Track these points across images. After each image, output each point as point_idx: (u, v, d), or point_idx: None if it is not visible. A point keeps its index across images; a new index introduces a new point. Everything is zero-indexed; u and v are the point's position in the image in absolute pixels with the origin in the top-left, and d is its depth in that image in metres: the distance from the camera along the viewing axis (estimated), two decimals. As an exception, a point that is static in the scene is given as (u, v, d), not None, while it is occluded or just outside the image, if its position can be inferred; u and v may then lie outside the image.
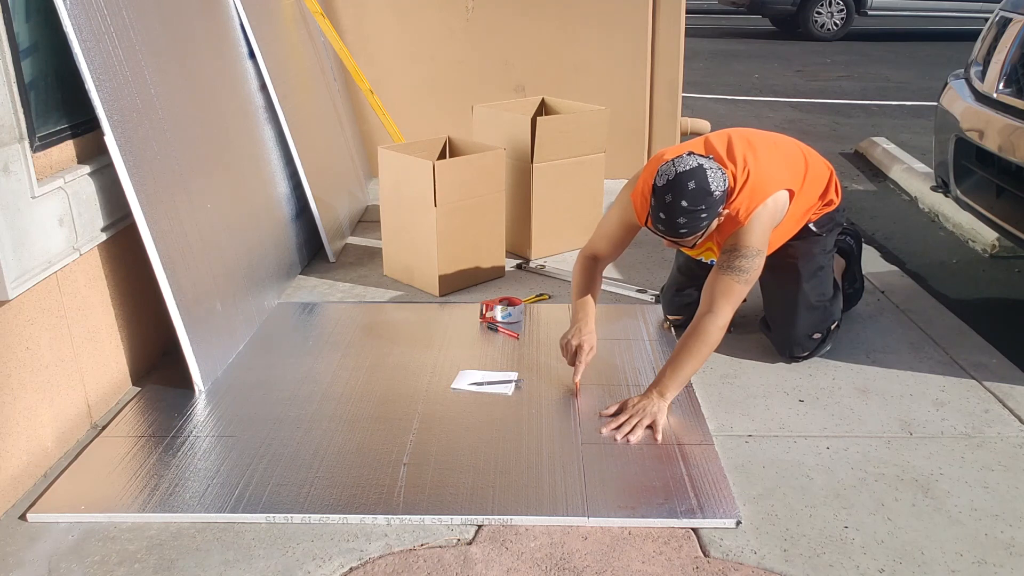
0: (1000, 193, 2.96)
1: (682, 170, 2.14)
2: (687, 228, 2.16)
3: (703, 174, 2.13)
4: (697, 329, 2.20)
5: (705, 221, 2.16)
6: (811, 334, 2.52)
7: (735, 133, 2.42)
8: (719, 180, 2.15)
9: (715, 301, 2.20)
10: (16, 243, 1.91)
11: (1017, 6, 3.10)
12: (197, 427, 2.20)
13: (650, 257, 3.44)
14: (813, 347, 2.54)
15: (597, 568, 1.70)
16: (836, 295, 2.59)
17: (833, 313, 2.55)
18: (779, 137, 2.52)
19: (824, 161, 2.58)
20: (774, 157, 2.36)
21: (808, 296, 2.49)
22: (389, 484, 1.95)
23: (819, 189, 2.50)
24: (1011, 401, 2.32)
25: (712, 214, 2.16)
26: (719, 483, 1.95)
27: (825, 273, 2.56)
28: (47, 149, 2.11)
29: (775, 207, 2.29)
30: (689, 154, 2.20)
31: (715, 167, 2.17)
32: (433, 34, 4.42)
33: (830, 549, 1.76)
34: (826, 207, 2.55)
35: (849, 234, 2.90)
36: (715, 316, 2.19)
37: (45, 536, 1.81)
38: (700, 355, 2.20)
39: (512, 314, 2.80)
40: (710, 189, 2.12)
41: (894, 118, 6.81)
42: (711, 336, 2.18)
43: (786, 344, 2.53)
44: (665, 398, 2.20)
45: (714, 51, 10.53)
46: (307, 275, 3.26)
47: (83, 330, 2.21)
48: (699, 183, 2.12)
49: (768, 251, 2.43)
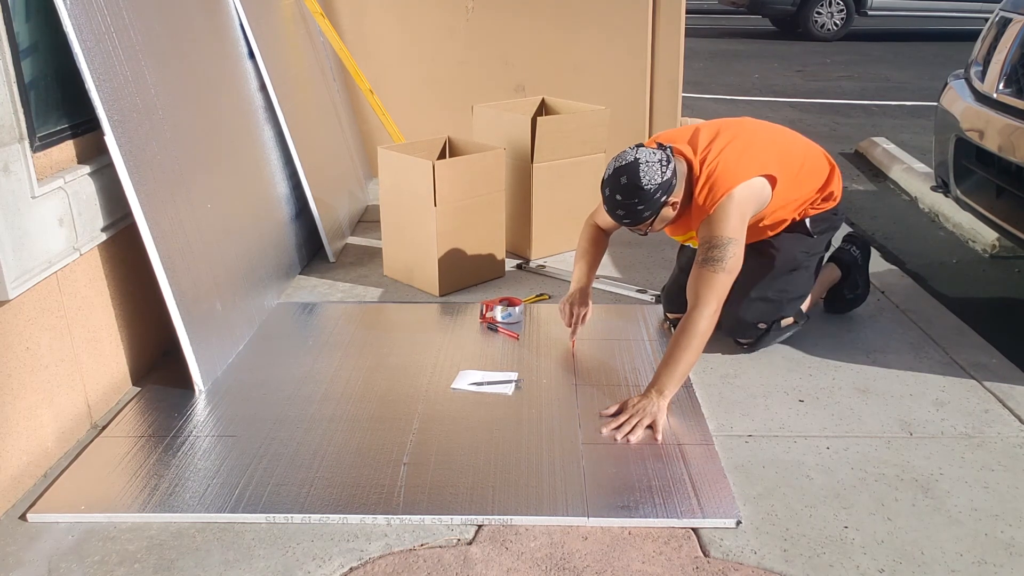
0: (1000, 193, 2.96)
1: (618, 165, 2.28)
2: (629, 218, 2.30)
3: (635, 169, 2.23)
4: (686, 324, 2.22)
5: (645, 212, 2.27)
6: (756, 322, 2.54)
7: (725, 124, 2.49)
8: (654, 174, 2.23)
9: (698, 295, 2.23)
10: (16, 243, 1.91)
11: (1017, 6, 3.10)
12: (197, 427, 2.20)
13: (650, 257, 3.44)
14: (756, 336, 2.56)
15: (597, 568, 1.71)
16: (798, 298, 2.60)
17: (784, 309, 2.57)
18: (778, 129, 2.57)
19: (825, 156, 2.61)
20: (753, 146, 2.40)
21: (767, 288, 2.53)
22: (389, 484, 1.95)
23: (816, 182, 2.53)
24: (1011, 401, 2.32)
25: (651, 206, 2.26)
26: (719, 483, 1.95)
27: (798, 275, 2.57)
28: (47, 149, 2.11)
29: (750, 194, 2.32)
30: (637, 147, 2.30)
31: (654, 161, 2.25)
32: (433, 34, 4.42)
33: (830, 549, 1.76)
34: (825, 201, 2.57)
35: (856, 244, 2.89)
36: (700, 308, 2.21)
37: (45, 536, 1.81)
38: (692, 349, 2.20)
39: (512, 314, 2.80)
40: (641, 184, 2.23)
41: (894, 118, 6.81)
42: (699, 328, 2.20)
43: (731, 326, 2.55)
44: (664, 396, 2.20)
45: (714, 51, 10.53)
46: (307, 275, 3.26)
47: (83, 330, 2.21)
48: (631, 178, 2.24)
49: (763, 236, 2.53)
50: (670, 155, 2.30)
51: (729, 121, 2.53)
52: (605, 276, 3.18)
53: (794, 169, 2.46)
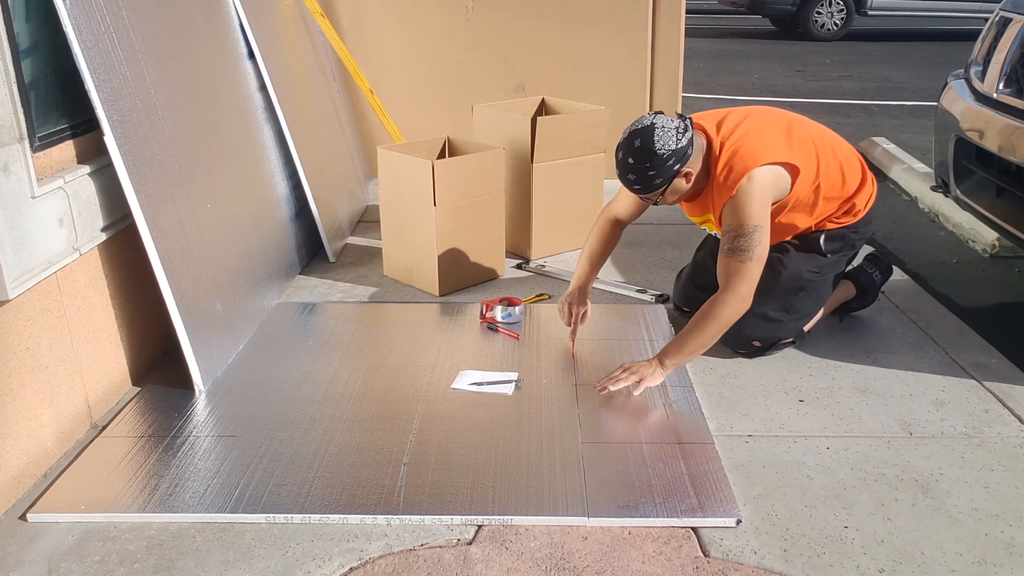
0: (1000, 193, 2.96)
1: (634, 128, 2.25)
2: (640, 184, 2.26)
3: (650, 132, 2.20)
4: (710, 305, 2.23)
5: (656, 179, 2.23)
6: (752, 340, 2.50)
7: (756, 110, 2.43)
8: (669, 140, 2.20)
9: (727, 281, 2.22)
10: (16, 243, 1.91)
11: (1017, 6, 3.10)
12: (197, 427, 2.20)
13: (650, 257, 3.44)
14: (750, 351, 2.54)
15: (597, 568, 1.70)
16: (801, 319, 2.54)
17: (784, 330, 2.51)
18: (814, 125, 2.49)
19: (863, 167, 2.51)
20: (779, 133, 2.33)
21: (767, 305, 2.44)
22: (389, 484, 1.95)
23: (844, 190, 2.44)
24: (1011, 401, 2.32)
25: (663, 172, 2.22)
26: (719, 482, 1.95)
27: (804, 296, 2.51)
28: (47, 149, 2.11)
29: (772, 178, 2.27)
30: (656, 113, 2.27)
31: (671, 128, 2.21)
32: (433, 34, 4.42)
33: (830, 549, 1.76)
34: (846, 215, 2.48)
35: (879, 268, 2.79)
36: (726, 294, 2.21)
37: (45, 536, 1.81)
38: (708, 332, 2.21)
39: (512, 314, 2.80)
40: (654, 148, 2.19)
41: (894, 118, 6.81)
42: (721, 313, 2.20)
43: (728, 336, 2.41)
44: (665, 366, 2.25)
45: (714, 51, 10.53)
46: (307, 275, 3.26)
47: (83, 330, 2.21)
48: (644, 142, 2.20)
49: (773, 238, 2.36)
50: (688, 126, 2.27)
51: (765, 109, 2.46)
52: (605, 277, 3.17)
53: (821, 167, 2.37)
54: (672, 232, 3.72)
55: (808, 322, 2.58)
